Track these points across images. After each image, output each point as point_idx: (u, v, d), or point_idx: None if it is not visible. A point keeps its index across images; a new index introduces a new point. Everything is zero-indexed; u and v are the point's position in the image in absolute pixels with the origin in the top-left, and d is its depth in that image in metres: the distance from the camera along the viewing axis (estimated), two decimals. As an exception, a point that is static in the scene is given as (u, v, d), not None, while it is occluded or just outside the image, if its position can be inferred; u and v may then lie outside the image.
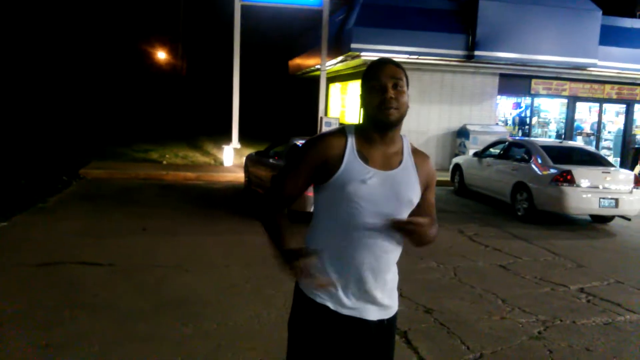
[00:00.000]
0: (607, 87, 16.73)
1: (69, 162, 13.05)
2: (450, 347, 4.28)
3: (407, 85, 1.97)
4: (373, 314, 1.99)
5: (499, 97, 16.33)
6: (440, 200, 11.58)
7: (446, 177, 13.32)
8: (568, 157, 9.73)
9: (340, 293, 1.94)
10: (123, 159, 14.58)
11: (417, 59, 14.67)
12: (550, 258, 7.29)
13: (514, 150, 10.66)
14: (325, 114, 15.92)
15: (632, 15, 17.17)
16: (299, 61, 22.65)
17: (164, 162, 14.63)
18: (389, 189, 1.92)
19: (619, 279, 6.39)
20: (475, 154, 11.82)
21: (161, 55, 33.88)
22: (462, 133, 15.33)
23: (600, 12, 14.85)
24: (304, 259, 1.80)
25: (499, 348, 4.30)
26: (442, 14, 14.76)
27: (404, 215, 1.97)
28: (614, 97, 16.95)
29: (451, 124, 15.80)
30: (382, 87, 1.91)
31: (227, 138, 15.40)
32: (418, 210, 2.03)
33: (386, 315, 2.04)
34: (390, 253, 2.00)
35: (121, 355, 3.83)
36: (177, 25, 29.39)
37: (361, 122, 2.04)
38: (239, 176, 12.64)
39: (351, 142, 1.95)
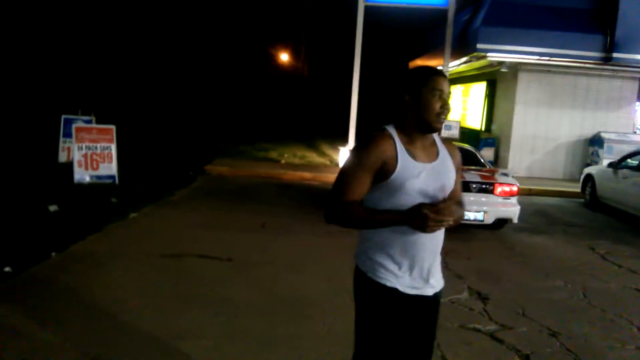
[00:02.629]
0: None
1: (195, 159, 13.82)
2: (578, 377, 3.92)
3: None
4: (429, 290, 2.27)
5: (638, 103, 14.92)
6: (569, 212, 10.81)
7: (576, 188, 12.41)
8: None
9: (407, 277, 2.20)
10: (244, 157, 15.17)
11: (548, 60, 13.80)
12: (697, 285, 6.48)
13: (657, 162, 9.67)
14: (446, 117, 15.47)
15: None
16: (420, 62, 22.27)
17: (282, 162, 15.01)
18: (436, 179, 2.18)
19: None
20: (611, 165, 10.86)
21: (284, 57, 34.98)
22: (596, 141, 14.21)
23: None
24: (425, 208, 2.02)
25: (636, 383, 3.87)
26: (576, 13, 13.74)
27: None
28: None
29: (583, 131, 14.70)
30: (444, 98, 2.14)
31: (344, 139, 15.49)
32: (450, 194, 2.28)
33: (437, 289, 2.31)
34: (441, 237, 2.26)
35: (234, 351, 3.91)
36: (301, 28, 30.11)
37: (403, 121, 2.22)
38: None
39: (398, 142, 2.17)
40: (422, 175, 2.14)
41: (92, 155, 9.99)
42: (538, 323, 4.83)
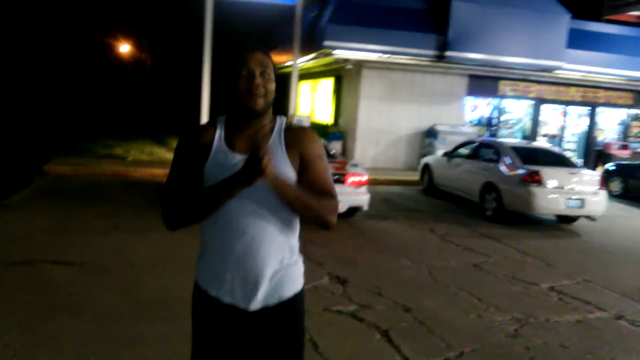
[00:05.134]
0: (572, 89, 17.18)
1: (31, 158, 12.66)
2: (431, 345, 4.32)
3: (274, 73, 1.96)
4: (251, 303, 1.99)
5: (467, 97, 16.56)
6: (409, 199, 11.68)
7: (416, 177, 13.47)
8: (536, 158, 9.93)
9: (224, 282, 1.98)
10: (87, 155, 14.20)
11: (388, 58, 14.76)
12: (520, 257, 7.44)
13: (483, 150, 10.83)
14: (295, 111, 15.87)
15: (598, 19, 17.64)
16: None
17: (129, 159, 14.32)
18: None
19: (586, 278, 6.57)
20: (445, 154, 11.96)
21: (125, 48, 33.27)
22: (431, 133, 15.51)
23: (569, 16, 15.20)
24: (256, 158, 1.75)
25: (478, 346, 4.36)
26: (415, 14, 14.87)
27: (274, 196, 1.91)
28: (579, 99, 17.41)
29: (421, 123, 15.96)
30: (250, 73, 1.90)
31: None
32: (308, 186, 1.97)
33: (267, 304, 2.03)
34: (270, 245, 1.96)
35: (103, 357, 3.73)
36: (143, 18, 28.85)
37: (228, 109, 2.02)
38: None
39: (220, 130, 1.99)
40: (236, 167, 1.85)
41: None
42: (393, 300, 5.23)
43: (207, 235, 2.02)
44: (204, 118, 14.78)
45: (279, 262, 1.99)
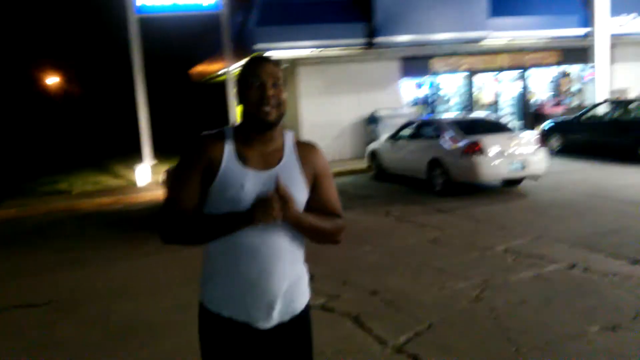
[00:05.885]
0: (501, 56, 17.75)
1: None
2: (401, 322, 4.48)
3: (285, 84, 1.97)
4: (264, 323, 1.98)
5: (402, 80, 16.90)
6: (362, 186, 11.88)
7: (364, 164, 13.68)
8: (474, 128, 10.27)
9: (237, 301, 1.94)
10: (30, 195, 13.77)
11: (321, 52, 14.91)
12: (473, 225, 7.72)
13: (425, 129, 11.13)
14: (236, 118, 15.85)
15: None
16: (201, 68, 22.34)
17: (74, 192, 13.96)
18: (268, 189, 1.84)
19: (538, 235, 6.90)
20: (389, 138, 12.21)
21: (53, 80, 32.33)
22: (373, 119, 15.76)
23: (487, -16, 15.70)
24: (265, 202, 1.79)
25: (445, 315, 4.55)
26: (341, 5, 15.03)
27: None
28: (509, 65, 18.02)
29: (362, 111, 16.18)
30: (261, 84, 1.88)
31: (138, 157, 14.96)
32: (317, 205, 2.01)
33: (282, 320, 2.02)
34: (284, 263, 1.94)
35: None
36: (68, 48, 28.10)
37: (240, 121, 2.00)
38: (157, 194, 12.34)
39: (230, 142, 1.93)
40: (250, 183, 1.86)
41: None
42: (359, 287, 5.38)
43: (216, 257, 1.96)
44: (145, 137, 14.60)
45: (291, 277, 1.98)
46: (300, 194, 1.93)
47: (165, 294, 5.66)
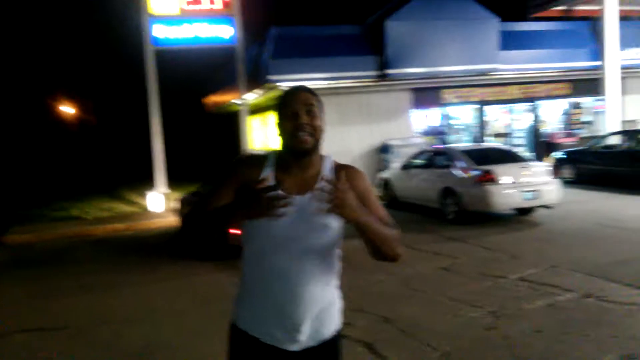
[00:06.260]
0: (512, 88, 17.87)
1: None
2: (416, 350, 4.47)
3: (322, 111, 2.01)
4: (292, 344, 1.98)
5: (413, 110, 17.04)
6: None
7: (376, 193, 13.73)
8: (487, 158, 10.31)
9: (263, 321, 1.97)
10: (44, 220, 13.93)
11: (334, 84, 15.12)
12: (486, 254, 7.70)
13: (437, 158, 11.19)
14: (248, 146, 16.00)
15: (525, 19, 18.48)
16: (216, 98, 22.67)
17: (89, 218, 14.11)
18: (302, 214, 1.89)
19: (551, 264, 6.86)
20: (402, 167, 12.27)
21: (70, 110, 32.91)
22: (384, 149, 15.86)
23: (498, 20, 15.95)
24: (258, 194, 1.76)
25: (460, 343, 4.53)
26: (352, 39, 15.35)
27: (320, 241, 1.95)
28: (520, 96, 18.12)
29: (373, 141, 16.29)
30: (294, 113, 1.92)
31: (150, 184, 15.13)
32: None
33: (310, 344, 2.02)
34: (317, 288, 1.95)
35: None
36: (86, 78, 28.69)
37: (280, 149, 2.03)
38: (171, 221, 12.46)
39: (270, 166, 1.98)
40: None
41: None
42: (374, 314, 5.37)
43: (248, 277, 2.01)
44: (159, 165, 14.77)
45: (321, 304, 1.98)
46: (333, 219, 1.93)
47: (178, 319, 5.68)
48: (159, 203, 14.35)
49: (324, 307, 1.99)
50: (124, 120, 31.21)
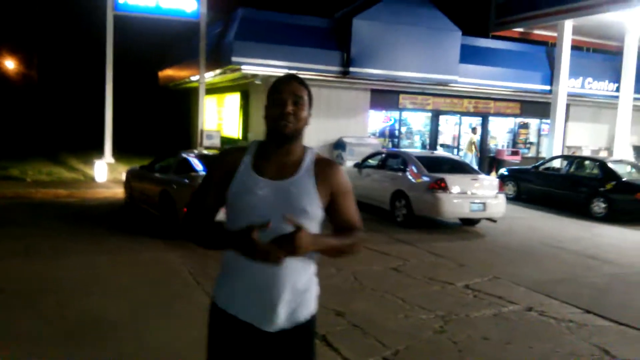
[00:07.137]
0: (466, 101, 18.38)
1: None
2: (368, 345, 4.54)
3: (310, 102, 2.09)
4: (268, 325, 2.05)
5: (371, 110, 17.22)
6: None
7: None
8: (440, 166, 10.56)
9: (242, 300, 2.04)
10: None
11: (296, 73, 15.01)
12: (434, 259, 7.90)
13: (391, 160, 11.36)
14: (203, 126, 15.73)
15: (486, 35, 19.02)
16: (171, 72, 22.13)
17: (28, 180, 13.52)
18: (281, 199, 1.97)
19: (495, 275, 7.11)
20: (356, 165, 12.38)
21: (10, 64, 31.31)
22: (339, 145, 15.95)
23: (460, 33, 16.31)
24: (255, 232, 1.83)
25: (411, 343, 4.64)
26: (320, 32, 15.31)
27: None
28: (472, 110, 18.65)
29: (328, 136, 16.35)
30: (282, 101, 2.01)
31: (93, 153, 14.65)
32: (336, 219, 2.14)
33: (285, 327, 2.08)
34: (296, 267, 2.02)
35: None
36: (33, 33, 27.31)
37: (264, 138, 2.13)
38: (116, 192, 12.11)
39: (250, 154, 2.08)
40: (263, 191, 1.97)
41: None
42: (325, 307, 5.38)
43: (230, 257, 2.05)
44: (108, 134, 14.31)
45: (297, 288, 2.04)
46: (312, 207, 2.02)
47: (128, 294, 5.54)
48: (104, 173, 13.91)
49: (301, 290, 2.05)
50: (72, 83, 29.93)
